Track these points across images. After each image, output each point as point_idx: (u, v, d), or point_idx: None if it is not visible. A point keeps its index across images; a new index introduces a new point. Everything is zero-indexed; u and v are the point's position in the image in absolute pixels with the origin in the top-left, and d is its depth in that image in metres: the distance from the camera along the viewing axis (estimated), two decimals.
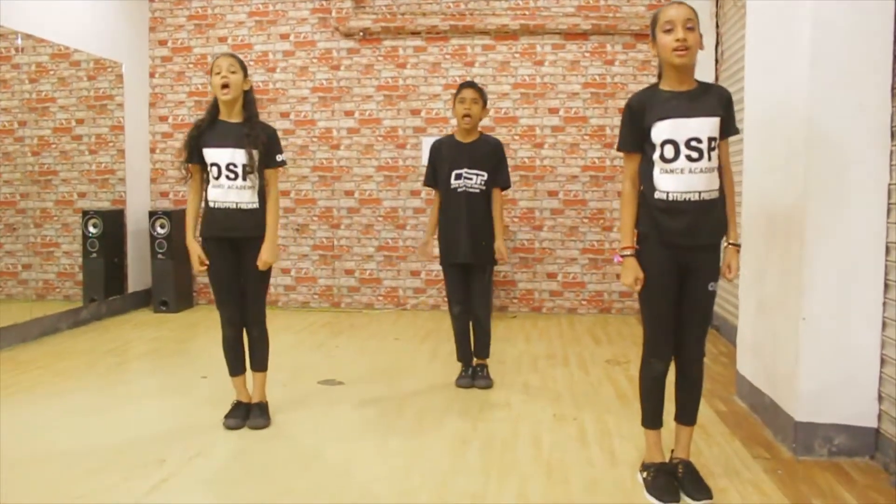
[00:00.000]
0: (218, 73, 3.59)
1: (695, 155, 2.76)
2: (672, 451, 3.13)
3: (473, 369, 4.69)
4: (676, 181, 2.79)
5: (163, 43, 7.38)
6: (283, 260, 7.28)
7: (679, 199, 2.79)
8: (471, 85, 4.51)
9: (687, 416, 3.07)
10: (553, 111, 6.92)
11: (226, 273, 3.75)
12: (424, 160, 6.95)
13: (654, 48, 2.86)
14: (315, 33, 7.14)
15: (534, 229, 7.00)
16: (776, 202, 3.81)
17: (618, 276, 6.93)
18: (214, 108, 3.70)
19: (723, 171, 2.88)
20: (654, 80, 6.51)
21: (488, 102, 4.75)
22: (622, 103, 6.69)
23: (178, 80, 7.36)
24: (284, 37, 7.19)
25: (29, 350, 5.62)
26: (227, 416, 3.84)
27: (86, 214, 6.81)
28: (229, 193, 3.62)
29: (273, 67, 7.21)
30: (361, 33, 7.00)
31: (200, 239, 3.73)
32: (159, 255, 7.01)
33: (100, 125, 7.08)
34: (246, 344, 3.90)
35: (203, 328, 6.49)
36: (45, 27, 6.12)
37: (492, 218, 4.52)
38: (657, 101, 2.83)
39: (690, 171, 2.77)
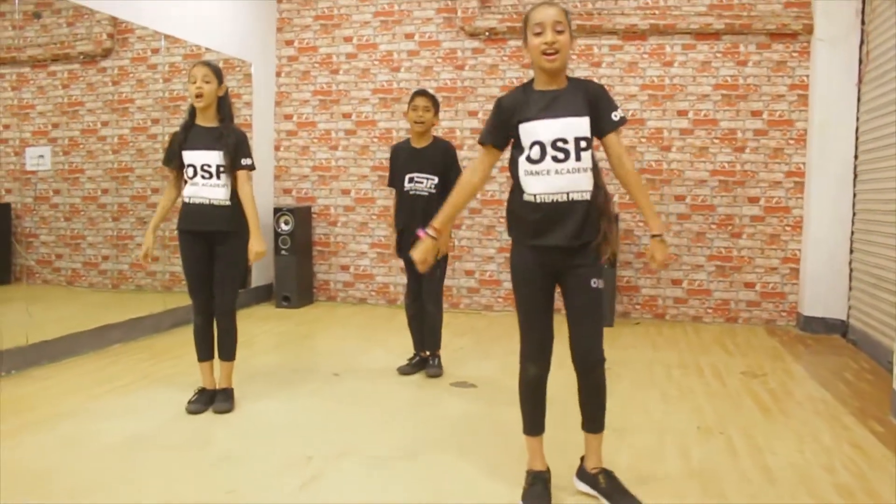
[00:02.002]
0: (193, 83, 3.84)
1: (560, 156, 2.70)
2: (582, 459, 3.05)
3: (422, 358, 4.95)
4: (543, 182, 2.72)
5: (289, 43, 7.53)
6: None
7: (546, 200, 2.73)
8: (423, 93, 4.78)
9: (594, 423, 2.98)
10: (682, 113, 6.71)
11: (197, 264, 4.00)
12: None
13: (526, 50, 2.80)
14: (440, 33, 7.14)
15: None
16: None
17: (745, 284, 6.69)
18: (192, 113, 3.96)
19: (619, 168, 2.83)
20: (788, 80, 6.38)
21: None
22: (755, 106, 6.54)
23: (304, 80, 7.49)
24: (409, 36, 7.22)
25: (163, 340, 5.82)
26: (189, 402, 4.03)
27: None
28: (203, 190, 3.89)
29: (397, 67, 7.25)
30: (487, 33, 6.96)
31: (177, 232, 4.03)
32: (283, 251, 7.14)
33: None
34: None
35: (325, 324, 6.58)
36: (181, 28, 6.34)
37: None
38: (527, 101, 2.78)
39: (557, 173, 2.70)
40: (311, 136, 7.46)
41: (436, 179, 4.73)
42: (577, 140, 2.71)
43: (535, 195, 2.75)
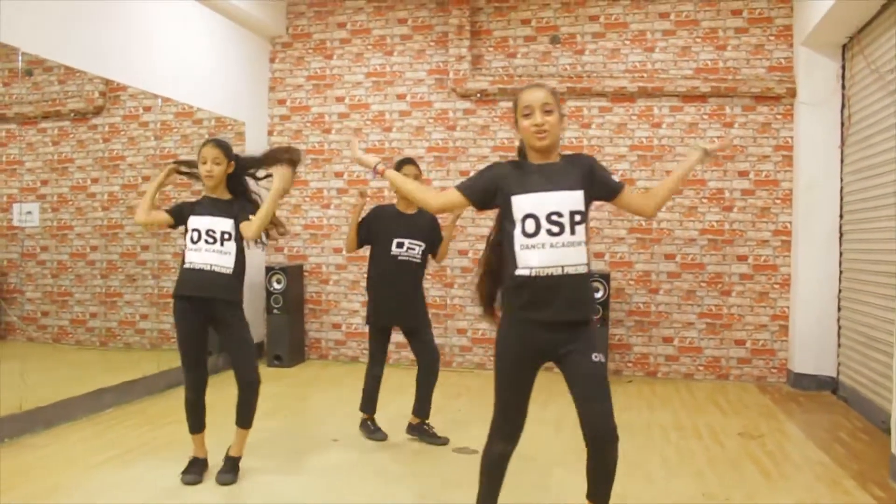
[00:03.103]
0: (203, 164, 3.88)
1: (555, 229, 2.72)
2: None
3: (413, 425, 4.90)
4: (539, 256, 2.73)
5: (282, 102, 7.61)
6: None
7: (542, 273, 2.73)
8: (409, 162, 4.76)
9: (602, 497, 2.94)
10: (670, 174, 6.82)
11: (193, 337, 3.93)
12: None
13: (517, 131, 2.89)
14: (432, 94, 7.26)
15: (650, 292, 6.88)
16: None
17: (736, 341, 6.75)
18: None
19: (651, 203, 2.95)
20: (773, 141, 6.54)
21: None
22: (742, 166, 6.70)
23: (296, 138, 7.56)
24: (401, 97, 7.33)
25: (157, 403, 5.74)
26: (183, 473, 3.97)
27: None
28: (206, 256, 3.84)
29: (389, 127, 7.35)
30: (478, 94, 7.09)
31: (173, 300, 3.92)
32: (275, 310, 7.12)
33: None
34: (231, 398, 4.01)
35: (320, 385, 6.55)
36: (174, 88, 6.38)
37: (421, 287, 4.86)
38: (521, 175, 2.82)
39: (552, 246, 2.72)
40: (303, 195, 7.50)
41: (423, 246, 4.75)
42: (572, 214, 2.75)
43: (530, 268, 2.74)
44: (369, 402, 4.95)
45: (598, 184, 2.85)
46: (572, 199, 2.76)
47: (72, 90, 6.41)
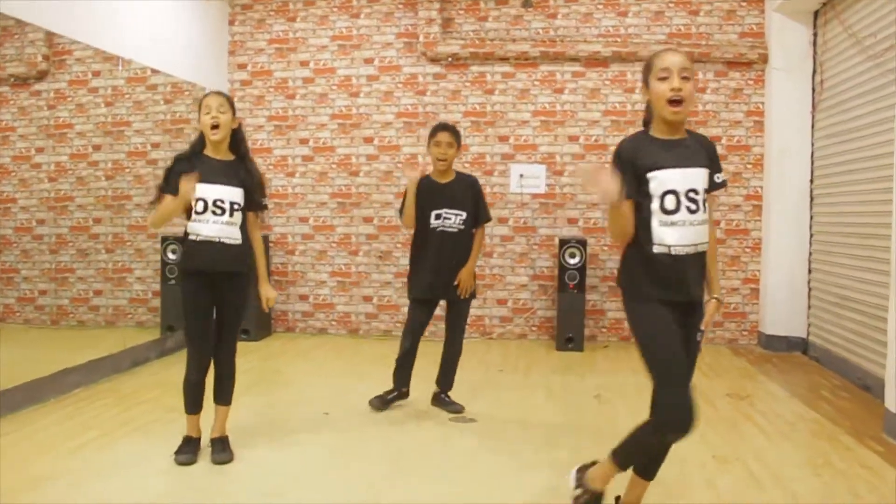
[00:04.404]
0: (207, 114, 3.61)
1: (693, 206, 2.63)
2: (618, 499, 3.07)
3: (436, 395, 4.78)
4: (679, 234, 2.63)
5: (242, 66, 7.29)
6: (366, 287, 7.17)
7: (681, 252, 2.63)
8: (446, 128, 4.56)
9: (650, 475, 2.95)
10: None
11: (205, 316, 3.71)
12: (513, 187, 6.94)
13: (647, 94, 2.74)
14: (401, 58, 7.06)
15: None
16: None
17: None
18: (200, 143, 3.71)
19: (710, 223, 2.77)
20: (745, 107, 6.58)
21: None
22: (714, 131, 6.85)
23: (258, 104, 7.27)
24: (369, 61, 7.11)
25: (126, 382, 5.46)
26: (177, 453, 3.77)
27: (165, 240, 6.68)
28: (213, 228, 3.61)
29: (356, 92, 7.12)
30: (449, 59, 6.92)
31: (181, 273, 3.74)
32: None
33: (176, 149, 6.94)
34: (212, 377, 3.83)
35: (291, 357, 6.37)
36: (128, 48, 5.99)
37: (466, 257, 4.60)
38: (652, 149, 2.68)
39: (690, 224, 2.63)
40: (267, 163, 7.21)
41: (464, 215, 4.54)
42: (704, 191, 2.67)
43: (670, 246, 2.64)
44: (398, 375, 4.75)
45: (712, 170, 2.73)
46: (703, 177, 2.67)
47: (10, 53, 5.99)
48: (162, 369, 5.85)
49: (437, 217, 4.51)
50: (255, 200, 3.74)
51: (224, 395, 3.87)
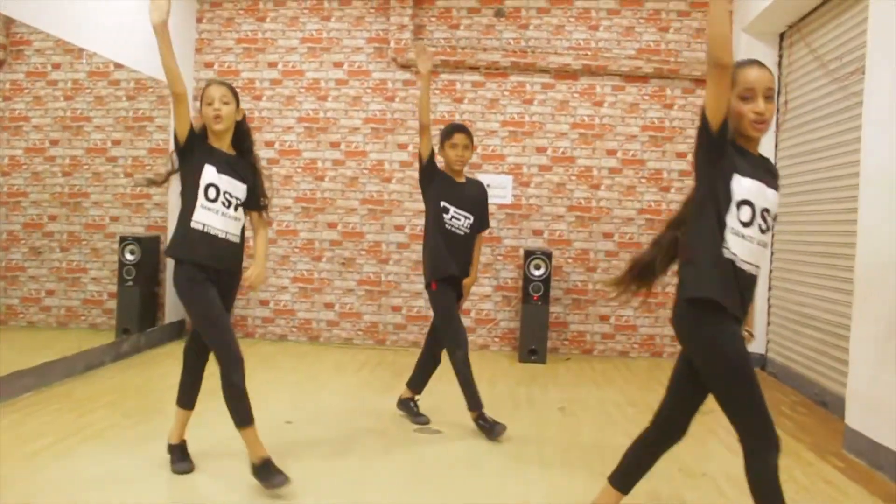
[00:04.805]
0: (209, 104, 3.40)
1: (763, 226, 2.53)
2: None
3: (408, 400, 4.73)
4: (744, 248, 2.50)
5: (209, 65, 7.16)
6: (328, 294, 7.08)
7: (743, 267, 2.50)
8: (462, 129, 4.47)
9: None
10: (611, 153, 6.88)
11: (219, 301, 3.42)
12: None
13: (728, 111, 2.55)
14: (370, 63, 7.00)
15: (588, 270, 6.92)
16: None
17: (669, 320, 6.88)
18: (203, 134, 3.48)
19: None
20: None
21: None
22: (680, 147, 6.81)
23: None
24: (338, 65, 7.04)
25: (79, 386, 5.28)
26: (179, 461, 3.62)
27: (123, 240, 6.50)
28: (222, 221, 3.38)
29: (325, 96, 7.04)
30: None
31: (186, 265, 3.38)
32: None
33: (137, 147, 6.81)
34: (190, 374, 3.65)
35: (252, 364, 6.17)
36: (91, 40, 5.80)
37: (470, 258, 4.53)
38: (740, 155, 2.52)
39: (759, 243, 2.53)
40: None
41: (471, 219, 4.43)
42: (774, 216, 2.59)
43: (736, 255, 2.49)
44: (473, 395, 4.48)
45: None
46: (776, 200, 2.58)
47: None
48: (117, 373, 5.68)
49: (445, 211, 4.38)
50: (257, 199, 3.56)
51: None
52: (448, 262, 4.38)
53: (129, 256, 6.48)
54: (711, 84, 2.41)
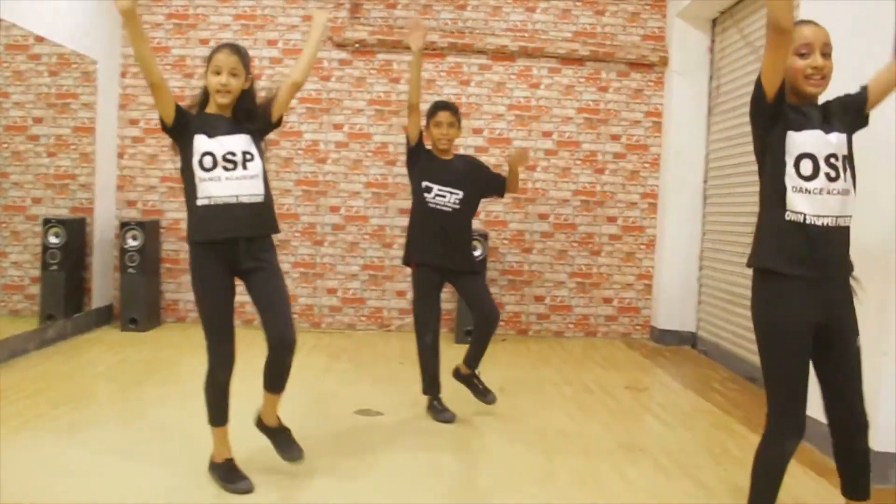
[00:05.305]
0: (217, 74, 3.05)
1: (832, 174, 2.44)
2: None
3: (475, 386, 4.48)
4: (812, 202, 2.43)
5: None
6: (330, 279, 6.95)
7: (816, 223, 2.43)
8: (447, 106, 4.34)
9: (861, 491, 2.63)
10: (547, 134, 6.93)
11: (226, 298, 3.16)
12: None
13: (786, 70, 2.50)
14: (305, 41, 6.85)
15: (523, 252, 6.97)
16: None
17: (604, 299, 7.01)
18: (204, 98, 3.18)
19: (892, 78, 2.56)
20: (645, 107, 6.79)
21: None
22: (615, 130, 6.90)
23: None
24: (272, 43, 6.88)
25: (4, 375, 5.03)
26: (231, 483, 3.19)
27: (47, 223, 6.25)
28: (229, 186, 3.03)
29: (259, 74, 6.86)
30: (357, 45, 6.79)
31: (192, 248, 3.15)
32: (129, 269, 6.50)
33: (61, 125, 6.54)
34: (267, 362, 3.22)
35: (184, 349, 6.02)
36: (12, 11, 5.50)
37: (468, 234, 4.41)
38: (792, 110, 2.49)
39: (829, 193, 2.43)
40: (161, 144, 6.85)
41: (460, 195, 4.24)
42: (845, 158, 2.48)
43: (803, 214, 2.44)
44: (430, 380, 4.37)
45: (854, 118, 2.56)
46: (845, 143, 2.49)
47: None
48: (43, 360, 5.46)
49: (428, 190, 4.23)
50: (267, 121, 3.22)
51: (276, 382, 3.24)
52: (424, 249, 4.26)
53: (53, 239, 6.22)
54: (769, 50, 2.36)
